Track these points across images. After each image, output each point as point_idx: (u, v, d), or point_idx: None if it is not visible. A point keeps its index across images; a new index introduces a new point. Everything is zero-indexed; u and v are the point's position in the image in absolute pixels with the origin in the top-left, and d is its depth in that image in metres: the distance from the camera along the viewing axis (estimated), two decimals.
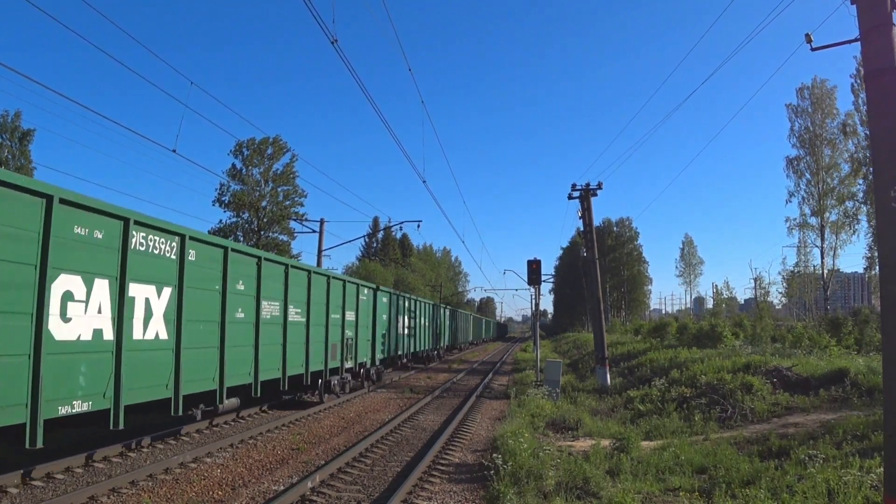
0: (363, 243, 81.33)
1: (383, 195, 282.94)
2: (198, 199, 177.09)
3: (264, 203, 43.80)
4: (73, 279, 7.12)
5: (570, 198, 23.69)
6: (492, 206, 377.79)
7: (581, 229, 24.94)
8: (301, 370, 14.04)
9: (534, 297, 32.18)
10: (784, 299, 46.54)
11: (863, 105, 32.83)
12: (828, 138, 38.85)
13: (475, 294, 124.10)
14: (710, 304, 58.81)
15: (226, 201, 42.92)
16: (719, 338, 24.02)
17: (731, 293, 43.80)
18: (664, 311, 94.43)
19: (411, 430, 13.30)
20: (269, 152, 44.30)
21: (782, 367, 15.36)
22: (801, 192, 39.68)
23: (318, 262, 29.31)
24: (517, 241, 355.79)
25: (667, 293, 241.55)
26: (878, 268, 19.85)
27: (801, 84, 40.32)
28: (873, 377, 12.88)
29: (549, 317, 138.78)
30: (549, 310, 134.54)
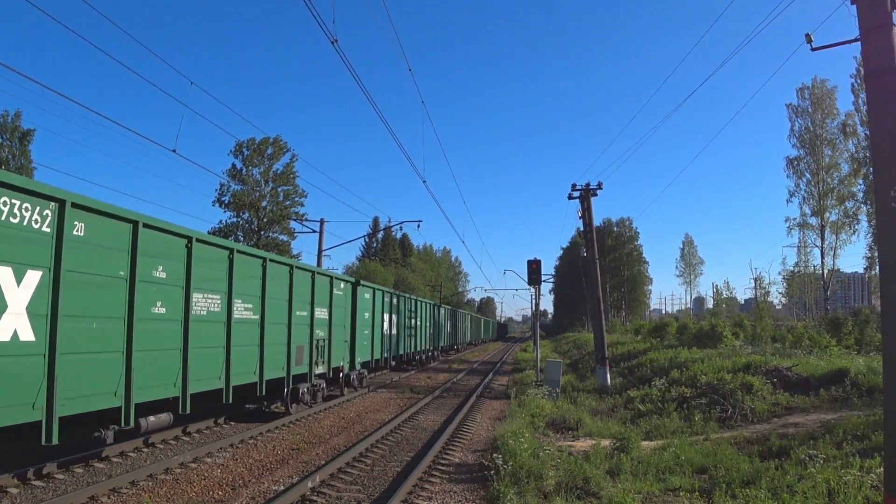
0: (363, 243, 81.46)
1: (383, 195, 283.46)
2: (198, 199, 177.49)
3: (264, 203, 43.82)
4: None
5: (570, 198, 23.69)
6: (492, 206, 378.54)
7: (581, 229, 24.96)
8: (253, 378, 11.74)
9: (534, 297, 32.23)
10: (784, 299, 46.55)
11: (863, 105, 32.83)
12: (828, 138, 38.86)
13: (475, 294, 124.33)
14: (710, 304, 58.80)
15: (226, 201, 42.97)
16: (719, 338, 24.02)
17: (731, 293, 43.92)
18: (664, 311, 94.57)
19: (411, 430, 13.30)
20: (269, 152, 44.33)
21: (782, 367, 15.36)
22: (801, 192, 39.73)
23: (319, 262, 29.32)
24: (517, 241, 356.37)
25: (667, 293, 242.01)
26: (878, 268, 19.85)
27: (802, 84, 40.39)
28: (873, 377, 12.88)
29: (549, 317, 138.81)
30: (549, 310, 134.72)
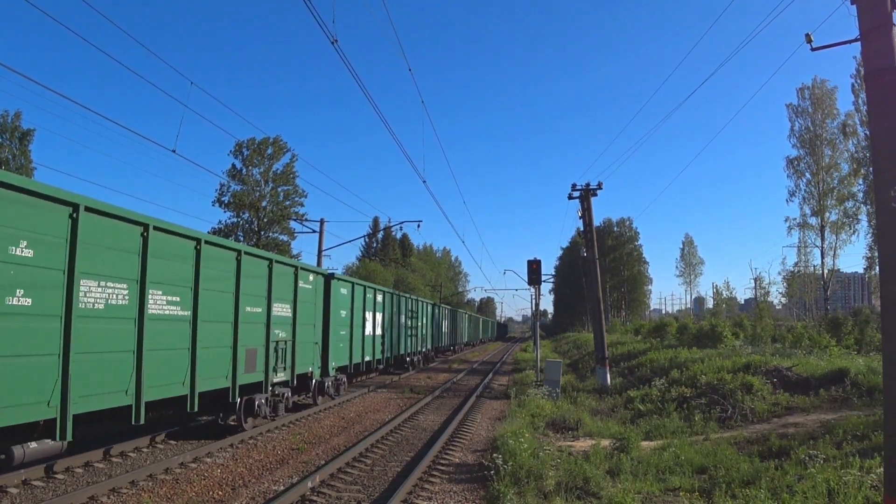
0: (363, 243, 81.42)
1: (383, 195, 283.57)
2: (198, 199, 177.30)
3: (264, 203, 43.87)
4: None
5: (570, 198, 23.71)
6: (492, 206, 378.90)
7: (581, 229, 24.96)
8: (181, 389, 9.41)
9: (534, 297, 32.25)
10: (784, 299, 46.56)
11: (863, 105, 32.84)
12: (828, 138, 38.87)
13: (475, 294, 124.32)
14: (710, 304, 58.82)
15: (226, 201, 43.02)
16: (719, 338, 24.03)
17: (731, 293, 43.91)
18: (664, 311, 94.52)
19: (411, 430, 13.30)
20: (269, 152, 44.38)
21: (782, 367, 15.37)
22: (802, 192, 39.75)
23: (319, 262, 29.31)
24: (517, 241, 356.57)
25: (667, 293, 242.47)
26: (878, 268, 19.85)
27: (802, 84, 40.39)
28: (873, 377, 12.88)
29: (549, 317, 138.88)
30: (549, 310, 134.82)
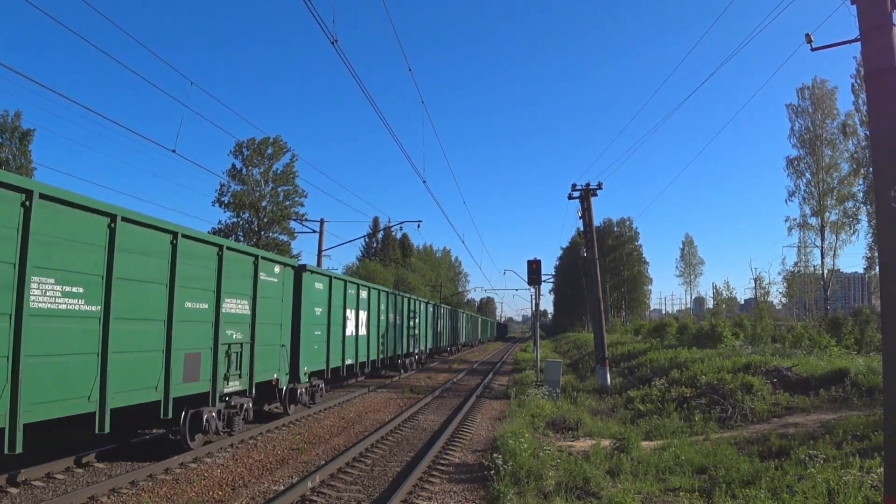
0: (363, 243, 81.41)
1: (383, 195, 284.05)
2: (198, 199, 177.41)
3: (264, 203, 43.86)
4: None
5: (570, 198, 23.71)
6: (492, 206, 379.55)
7: (581, 229, 24.96)
8: (86, 406, 7.34)
9: (534, 297, 32.25)
10: (784, 299, 46.56)
11: (863, 105, 32.84)
12: (828, 138, 38.86)
13: (475, 294, 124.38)
14: (710, 304, 58.65)
15: (226, 201, 43.03)
16: (719, 338, 24.03)
17: (731, 293, 43.76)
18: (664, 311, 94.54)
19: (411, 430, 13.30)
20: (269, 152, 44.39)
21: (782, 368, 15.36)
22: (801, 192, 39.74)
23: (319, 262, 29.30)
24: (517, 241, 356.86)
25: (667, 293, 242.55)
26: (878, 268, 19.84)
27: (802, 84, 40.36)
28: (873, 377, 12.88)
29: (549, 317, 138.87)
30: (549, 310, 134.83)
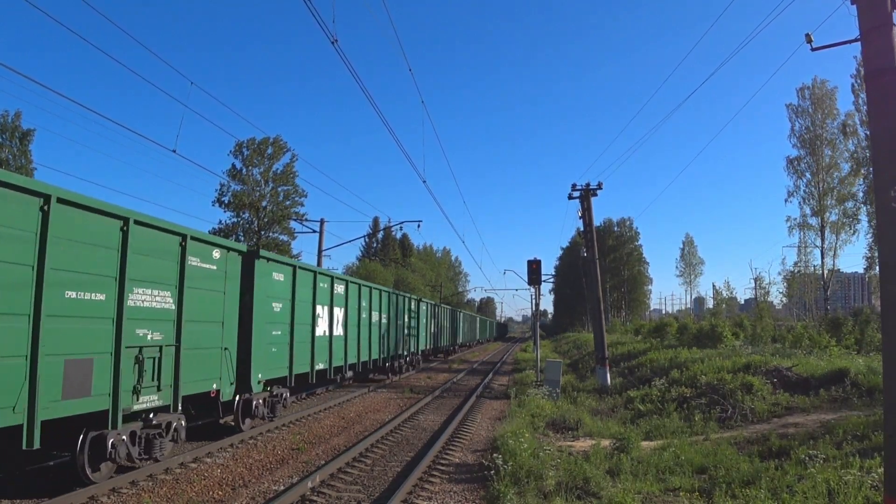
0: (363, 243, 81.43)
1: (383, 195, 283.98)
2: (198, 199, 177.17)
3: (264, 203, 43.87)
4: None
5: (570, 198, 23.71)
6: (492, 206, 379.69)
7: (581, 229, 24.96)
8: None
9: (534, 297, 32.26)
10: (784, 299, 46.52)
11: (863, 105, 32.83)
12: (828, 138, 38.83)
13: (475, 294, 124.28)
14: (710, 304, 58.67)
15: (226, 201, 43.02)
16: (719, 338, 24.03)
17: (731, 293, 43.77)
18: (664, 311, 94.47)
19: (411, 430, 13.30)
20: (269, 152, 44.39)
21: (782, 367, 15.36)
22: (801, 192, 39.72)
23: (319, 262, 29.30)
24: (517, 241, 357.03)
25: (667, 293, 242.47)
26: (878, 268, 19.84)
27: (802, 84, 40.31)
28: (873, 377, 12.87)
29: (549, 317, 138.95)
30: (549, 310, 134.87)
